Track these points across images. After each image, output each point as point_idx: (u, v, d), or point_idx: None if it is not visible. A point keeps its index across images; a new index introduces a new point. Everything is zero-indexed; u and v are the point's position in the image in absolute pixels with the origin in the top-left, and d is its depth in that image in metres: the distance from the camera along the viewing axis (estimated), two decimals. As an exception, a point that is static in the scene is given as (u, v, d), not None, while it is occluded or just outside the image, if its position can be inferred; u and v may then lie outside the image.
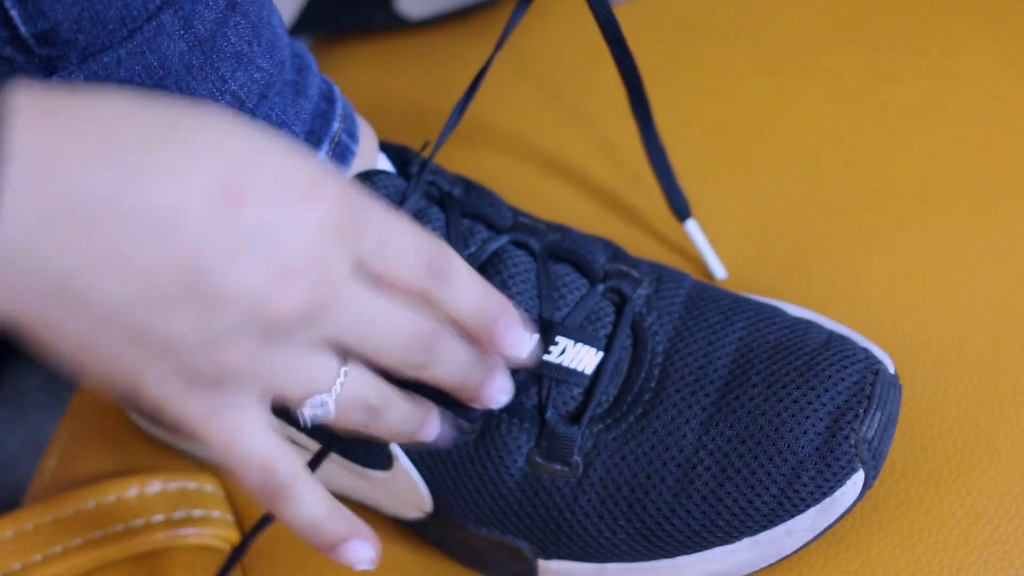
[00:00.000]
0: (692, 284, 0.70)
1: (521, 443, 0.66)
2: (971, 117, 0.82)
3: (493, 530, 0.68)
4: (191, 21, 0.59)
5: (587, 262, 0.69)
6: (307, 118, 0.66)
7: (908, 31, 0.87)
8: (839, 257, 0.77)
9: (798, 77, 0.85)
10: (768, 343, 0.67)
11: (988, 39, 0.85)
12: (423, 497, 0.68)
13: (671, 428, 0.65)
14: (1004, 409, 0.70)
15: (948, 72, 0.84)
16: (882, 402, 0.65)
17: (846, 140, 0.82)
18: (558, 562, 0.68)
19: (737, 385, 0.66)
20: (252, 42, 0.62)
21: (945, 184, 0.79)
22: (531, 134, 0.86)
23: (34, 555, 0.73)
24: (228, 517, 0.75)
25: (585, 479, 0.66)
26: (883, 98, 0.84)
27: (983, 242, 0.76)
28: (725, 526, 0.65)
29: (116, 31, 0.58)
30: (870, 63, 0.86)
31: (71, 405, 0.83)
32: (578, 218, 0.79)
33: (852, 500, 0.64)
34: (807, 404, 0.64)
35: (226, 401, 0.53)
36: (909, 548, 0.67)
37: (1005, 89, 0.83)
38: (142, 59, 0.59)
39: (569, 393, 0.66)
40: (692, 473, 0.65)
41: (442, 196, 0.70)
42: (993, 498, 0.68)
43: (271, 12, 0.63)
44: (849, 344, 0.67)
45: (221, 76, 0.61)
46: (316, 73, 0.67)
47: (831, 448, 0.64)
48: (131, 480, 0.75)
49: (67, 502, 0.75)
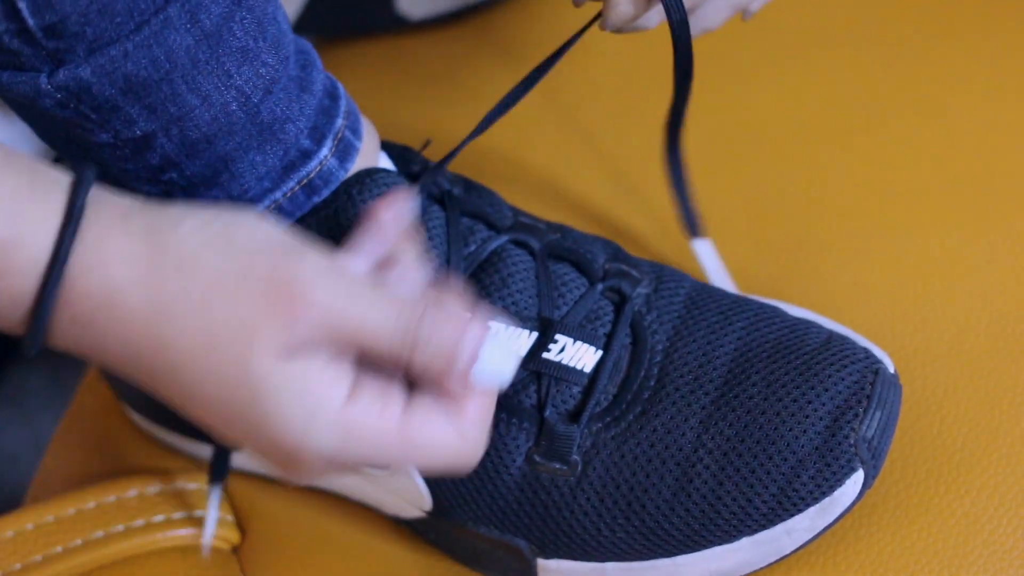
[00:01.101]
0: (692, 284, 0.70)
1: (520, 442, 0.66)
2: (971, 117, 0.82)
3: (492, 529, 0.68)
4: (197, 15, 0.59)
5: (587, 261, 0.69)
6: (311, 114, 0.66)
7: (908, 31, 0.87)
8: (839, 257, 0.77)
9: (798, 76, 0.85)
10: (768, 343, 0.67)
11: (988, 39, 0.85)
12: (422, 495, 0.68)
13: (670, 427, 0.65)
14: (1004, 409, 0.70)
15: (948, 72, 0.84)
16: (882, 401, 0.65)
17: (846, 140, 0.82)
18: (557, 561, 0.68)
19: (736, 384, 0.66)
20: (257, 37, 0.62)
21: (945, 184, 0.79)
22: (532, 134, 0.86)
23: (34, 555, 0.73)
24: (228, 517, 0.75)
25: (584, 478, 0.66)
26: (883, 98, 0.84)
27: (983, 242, 0.76)
28: (724, 525, 0.65)
29: (123, 24, 0.58)
30: (870, 62, 0.86)
31: (71, 406, 0.83)
32: (579, 218, 0.79)
33: (852, 499, 0.64)
34: (807, 403, 0.64)
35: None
36: (909, 548, 0.67)
37: (1005, 89, 0.83)
38: (149, 52, 0.59)
39: (568, 392, 0.66)
40: (691, 472, 0.65)
41: (442, 195, 0.70)
42: (993, 498, 0.68)
43: (276, 8, 0.63)
44: (849, 344, 0.67)
45: (227, 71, 0.61)
46: (320, 70, 0.67)
47: (831, 447, 0.64)
48: (131, 481, 0.75)
49: (67, 502, 0.74)
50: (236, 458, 0.76)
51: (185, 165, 0.64)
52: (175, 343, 0.55)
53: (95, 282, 0.54)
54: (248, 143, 0.64)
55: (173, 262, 0.55)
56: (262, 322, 0.54)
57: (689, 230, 0.72)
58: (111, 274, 0.54)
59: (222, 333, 0.54)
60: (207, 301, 0.55)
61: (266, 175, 0.66)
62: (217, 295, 0.55)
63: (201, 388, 0.55)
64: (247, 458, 0.76)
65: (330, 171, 0.67)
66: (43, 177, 0.55)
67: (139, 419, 0.80)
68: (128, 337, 0.55)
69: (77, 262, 0.54)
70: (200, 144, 0.63)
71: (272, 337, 0.54)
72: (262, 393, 0.54)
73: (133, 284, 0.54)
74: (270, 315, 0.54)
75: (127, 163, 0.63)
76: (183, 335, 0.55)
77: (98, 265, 0.54)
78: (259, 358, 0.54)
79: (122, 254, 0.55)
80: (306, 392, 0.55)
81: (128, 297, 0.54)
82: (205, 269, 0.55)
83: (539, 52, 0.68)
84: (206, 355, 0.55)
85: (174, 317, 0.55)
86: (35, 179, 0.55)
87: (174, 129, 0.62)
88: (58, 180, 0.55)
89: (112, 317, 0.55)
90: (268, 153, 0.65)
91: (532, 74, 0.69)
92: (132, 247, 0.55)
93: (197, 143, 0.63)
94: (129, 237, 0.55)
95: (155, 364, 0.55)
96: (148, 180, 0.64)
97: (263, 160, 0.65)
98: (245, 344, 0.54)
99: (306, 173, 0.67)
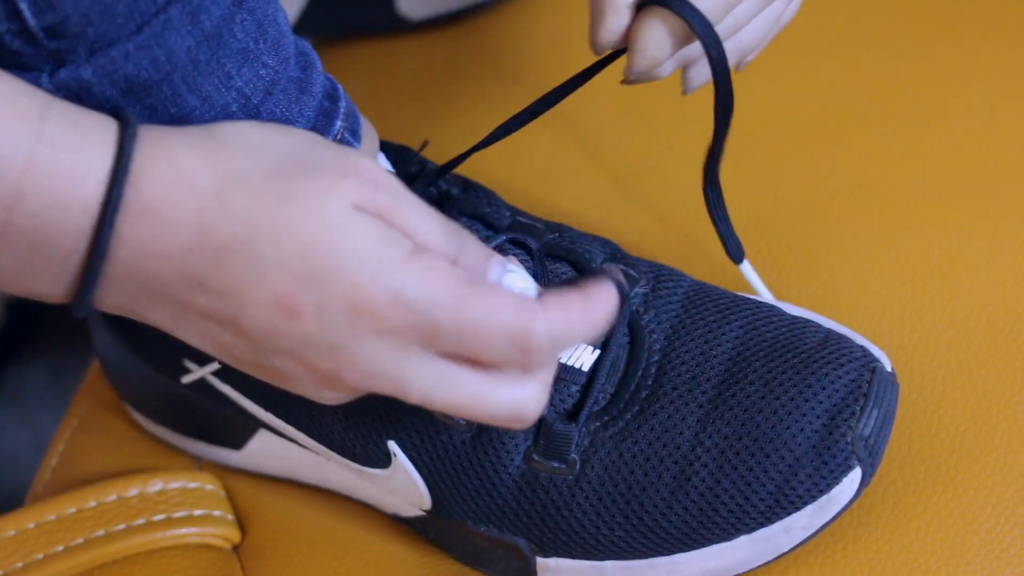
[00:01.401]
0: (690, 283, 0.70)
1: (518, 441, 0.66)
2: (971, 117, 0.82)
3: (491, 528, 0.68)
4: (198, 16, 0.59)
5: (585, 261, 0.69)
6: (311, 115, 0.66)
7: (908, 31, 0.86)
8: (837, 256, 0.77)
9: (798, 76, 0.85)
10: (765, 341, 0.67)
11: (988, 38, 0.85)
12: (421, 495, 0.69)
13: (668, 425, 0.65)
14: (1002, 408, 0.70)
15: (948, 71, 0.84)
16: (879, 400, 0.65)
17: (846, 140, 0.82)
18: (556, 560, 0.68)
19: (734, 383, 0.66)
20: (258, 39, 0.62)
21: (944, 184, 0.79)
22: (531, 133, 0.86)
23: (36, 554, 0.73)
24: (229, 516, 0.75)
25: (582, 477, 0.66)
26: (883, 98, 0.84)
27: (981, 241, 0.76)
28: (722, 523, 0.65)
29: (125, 25, 0.58)
30: (870, 62, 0.86)
31: (73, 405, 0.83)
32: (577, 218, 0.79)
33: (849, 497, 0.64)
34: (804, 401, 0.64)
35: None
36: (906, 546, 0.67)
37: (1005, 89, 0.83)
38: (149, 53, 0.59)
39: (566, 391, 0.66)
40: (689, 470, 0.65)
41: (440, 195, 0.70)
42: (991, 496, 0.68)
43: (277, 9, 0.63)
44: (846, 342, 0.67)
45: (227, 72, 0.61)
46: (320, 71, 0.67)
47: (828, 445, 0.64)
48: (132, 479, 0.75)
49: (69, 501, 0.75)
50: (238, 459, 0.76)
51: (185, 165, 0.64)
52: (249, 209, 0.55)
53: (160, 168, 0.55)
54: (249, 144, 0.64)
55: (240, 148, 0.56)
56: (337, 178, 0.56)
57: (734, 257, 0.72)
58: (175, 159, 0.55)
59: (299, 188, 0.56)
60: (280, 168, 0.56)
61: (265, 175, 0.66)
62: (289, 164, 0.56)
63: (276, 252, 0.55)
64: (249, 459, 0.76)
65: (329, 171, 0.67)
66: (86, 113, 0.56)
67: (140, 418, 0.80)
68: (198, 217, 0.55)
69: (140, 156, 0.55)
70: (201, 145, 0.63)
71: (347, 190, 0.56)
72: (343, 233, 0.55)
73: (201, 164, 0.55)
74: (343, 175, 0.56)
75: (128, 163, 0.64)
76: (258, 198, 0.55)
77: (162, 154, 0.55)
78: (337, 203, 0.55)
79: (186, 142, 0.56)
80: (382, 236, 0.56)
81: (197, 176, 0.55)
82: (274, 148, 0.57)
83: (538, 53, 0.68)
84: (285, 209, 0.55)
85: (247, 185, 0.55)
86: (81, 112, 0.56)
87: (175, 130, 0.62)
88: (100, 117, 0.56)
89: (179, 201, 0.55)
90: (267, 154, 0.65)
91: (540, 101, 0.69)
92: (193, 139, 0.56)
93: (198, 144, 0.63)
94: (188, 135, 0.56)
95: (227, 242, 0.55)
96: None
97: (262, 160, 0.66)
98: (323, 192, 0.56)
99: None
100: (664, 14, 0.63)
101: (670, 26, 0.64)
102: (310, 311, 0.56)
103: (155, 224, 0.55)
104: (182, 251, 0.55)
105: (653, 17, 0.64)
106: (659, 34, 0.64)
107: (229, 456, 0.77)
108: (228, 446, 0.76)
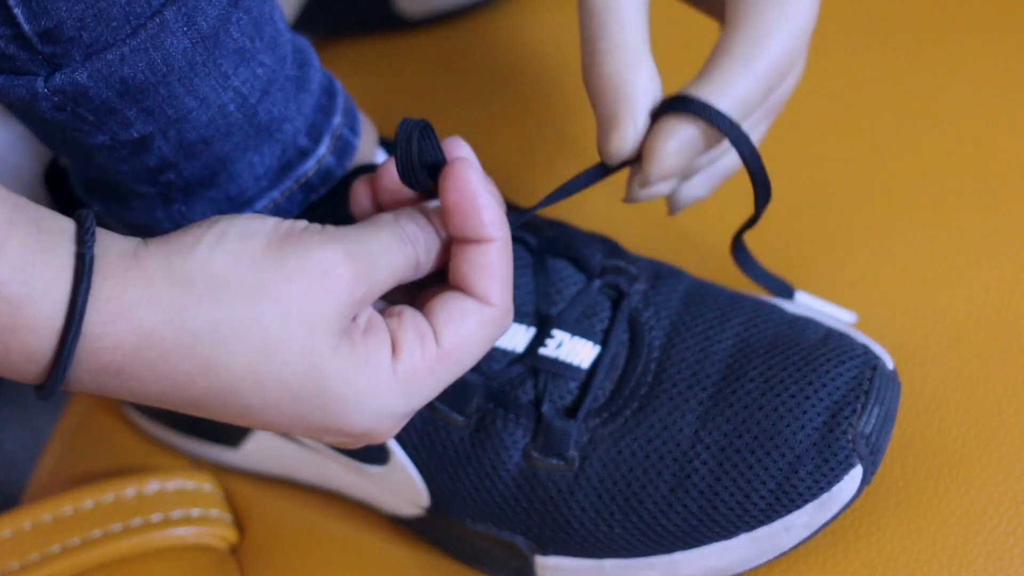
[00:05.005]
0: (690, 281, 0.70)
1: (517, 438, 0.66)
2: (971, 116, 0.82)
3: (490, 525, 0.68)
4: (194, 17, 0.59)
5: (584, 257, 0.69)
6: (308, 113, 0.66)
7: (909, 31, 0.87)
8: (838, 255, 0.77)
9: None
10: (766, 339, 0.67)
11: (988, 38, 0.85)
12: (420, 492, 0.68)
13: (667, 423, 0.65)
14: (1003, 406, 0.70)
15: (948, 71, 0.84)
16: (880, 397, 0.65)
17: (846, 139, 0.82)
18: (555, 558, 0.68)
19: (734, 380, 0.66)
20: (254, 38, 0.62)
21: (945, 182, 0.79)
22: (530, 133, 0.86)
23: (32, 554, 0.73)
24: (226, 516, 0.75)
25: (581, 474, 0.66)
26: (883, 97, 0.84)
27: (982, 240, 0.76)
28: (722, 521, 0.65)
29: (120, 28, 0.58)
30: (870, 62, 0.86)
31: (70, 405, 0.83)
32: (577, 217, 0.79)
33: (850, 496, 0.64)
34: (804, 399, 0.64)
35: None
36: (908, 545, 0.67)
37: (1005, 88, 0.83)
38: (145, 56, 0.59)
39: (565, 387, 0.66)
40: (689, 468, 0.65)
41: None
42: (992, 496, 0.68)
43: (273, 8, 0.63)
44: (847, 340, 0.67)
45: (224, 72, 0.61)
46: (318, 68, 0.67)
47: (828, 443, 0.64)
48: (129, 479, 0.75)
49: (66, 501, 0.75)
50: (236, 458, 0.76)
51: (183, 166, 0.64)
52: (228, 363, 0.54)
53: (120, 331, 0.53)
54: (245, 143, 0.64)
55: (205, 290, 0.54)
56: (316, 310, 0.55)
57: (785, 295, 0.72)
58: (138, 320, 0.53)
59: (280, 335, 0.55)
60: (256, 313, 0.55)
61: (264, 175, 0.66)
62: (264, 304, 0.55)
63: (262, 398, 0.55)
64: (247, 458, 0.76)
65: (328, 169, 0.67)
66: (48, 225, 0.54)
67: (137, 418, 0.80)
68: (170, 375, 0.54)
69: (96, 317, 0.53)
70: (198, 145, 0.63)
71: (330, 320, 0.55)
72: (330, 378, 0.55)
73: (166, 324, 0.54)
74: (320, 301, 0.55)
75: (124, 164, 0.63)
76: (236, 353, 0.54)
77: (121, 314, 0.53)
78: (322, 344, 0.55)
79: (146, 298, 0.54)
80: (366, 364, 0.56)
81: (163, 339, 0.54)
82: (243, 285, 0.55)
83: (538, 52, 0.68)
84: (266, 362, 0.55)
85: (222, 340, 0.54)
86: (41, 230, 0.53)
87: (171, 131, 0.62)
88: (63, 230, 0.54)
89: (147, 361, 0.54)
90: (266, 153, 0.65)
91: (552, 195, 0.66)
92: (155, 290, 0.54)
93: (194, 144, 0.63)
94: (148, 281, 0.54)
95: (207, 391, 0.55)
96: (146, 181, 0.64)
97: (261, 160, 0.65)
98: (306, 336, 0.55)
99: (304, 172, 0.67)
100: (683, 120, 0.61)
101: (690, 134, 0.61)
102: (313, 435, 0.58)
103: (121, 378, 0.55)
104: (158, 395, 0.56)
105: (674, 123, 0.61)
106: (680, 141, 0.61)
107: (227, 455, 0.77)
108: (226, 444, 0.76)
